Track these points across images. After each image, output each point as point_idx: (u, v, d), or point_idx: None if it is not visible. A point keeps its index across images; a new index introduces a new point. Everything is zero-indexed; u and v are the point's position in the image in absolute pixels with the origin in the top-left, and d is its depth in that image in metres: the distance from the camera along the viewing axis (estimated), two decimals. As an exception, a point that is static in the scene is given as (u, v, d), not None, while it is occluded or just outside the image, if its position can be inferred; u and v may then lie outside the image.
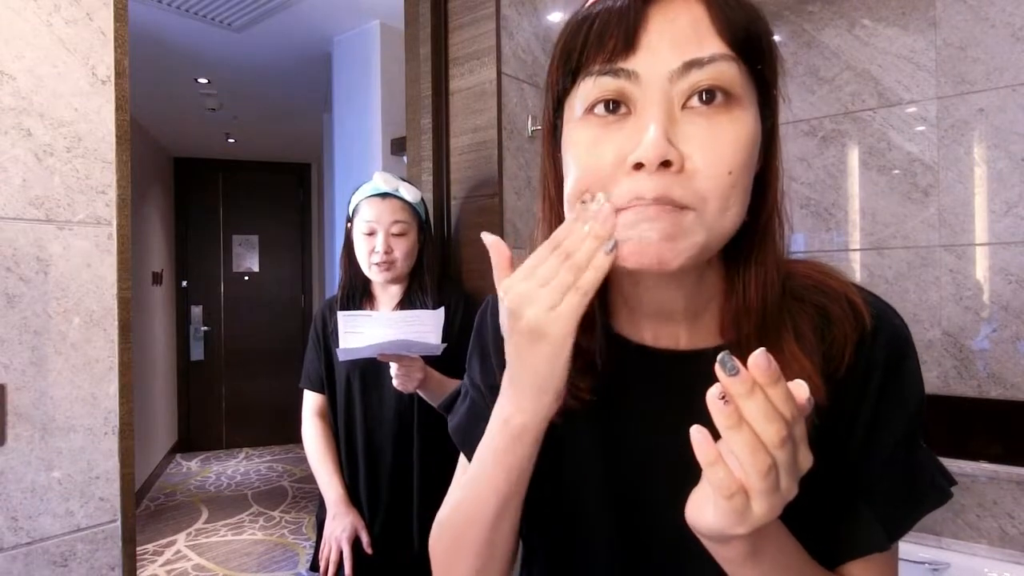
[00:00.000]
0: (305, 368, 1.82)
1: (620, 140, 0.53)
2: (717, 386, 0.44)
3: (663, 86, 0.52)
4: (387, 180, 1.71)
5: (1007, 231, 1.44)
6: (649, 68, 0.52)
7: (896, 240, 1.56)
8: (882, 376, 0.58)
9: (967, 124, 1.48)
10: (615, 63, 0.53)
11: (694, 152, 0.51)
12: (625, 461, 0.64)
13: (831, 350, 0.58)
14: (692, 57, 0.51)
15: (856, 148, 1.61)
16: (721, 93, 0.52)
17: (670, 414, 0.60)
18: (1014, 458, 1.41)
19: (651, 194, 0.50)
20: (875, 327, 0.59)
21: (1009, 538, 1.42)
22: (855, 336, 0.58)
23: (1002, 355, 1.44)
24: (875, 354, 0.58)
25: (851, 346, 0.57)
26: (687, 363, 0.62)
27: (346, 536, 1.62)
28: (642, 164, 0.51)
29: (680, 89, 0.52)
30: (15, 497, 1.03)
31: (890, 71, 1.57)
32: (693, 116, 0.52)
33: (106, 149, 1.14)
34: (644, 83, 0.53)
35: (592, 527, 0.65)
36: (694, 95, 0.52)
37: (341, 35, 3.35)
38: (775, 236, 0.59)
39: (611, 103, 0.54)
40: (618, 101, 0.54)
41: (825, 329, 0.58)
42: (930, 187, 1.53)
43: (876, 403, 0.58)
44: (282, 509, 4.47)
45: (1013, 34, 1.43)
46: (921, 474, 0.60)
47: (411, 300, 1.73)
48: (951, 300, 1.50)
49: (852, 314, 0.58)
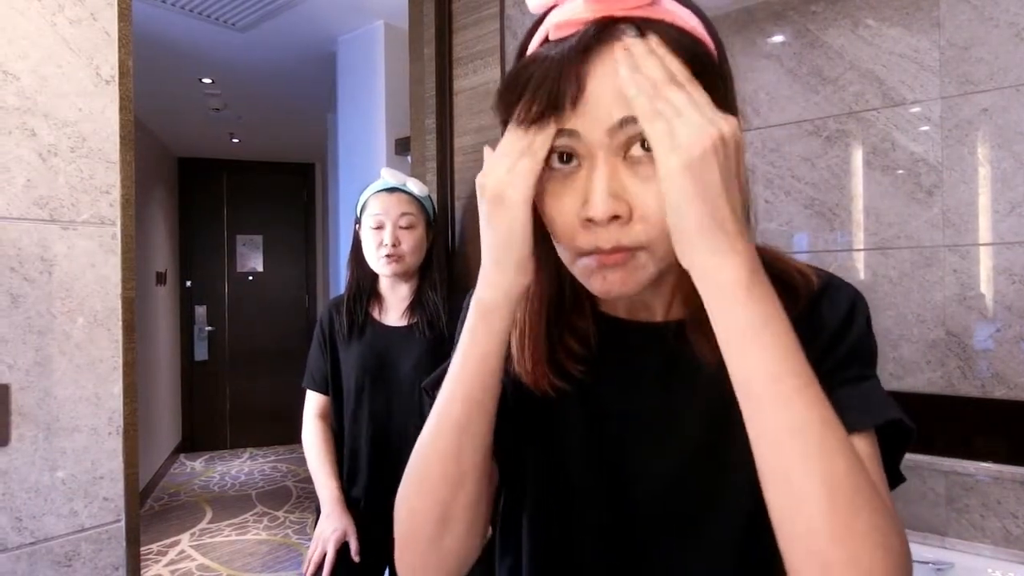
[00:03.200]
0: (309, 368, 1.81)
1: (575, 193, 0.56)
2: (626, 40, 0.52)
3: (603, 142, 0.54)
4: (394, 175, 1.72)
5: (1011, 231, 1.43)
6: (588, 126, 0.54)
7: (900, 240, 1.56)
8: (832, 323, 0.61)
9: (971, 124, 1.48)
10: (559, 124, 0.55)
11: (639, 199, 0.54)
12: (608, 428, 0.67)
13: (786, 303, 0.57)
14: (624, 115, 0.53)
15: (860, 148, 1.61)
16: None
17: (648, 383, 0.66)
18: (1018, 458, 1.41)
19: (607, 245, 0.54)
20: (824, 286, 0.63)
21: (1013, 538, 1.42)
22: (806, 299, 0.61)
23: (1006, 355, 1.44)
24: (826, 306, 0.62)
25: (801, 305, 0.60)
26: (663, 333, 0.66)
27: (335, 538, 1.62)
28: (593, 220, 0.54)
29: (619, 142, 0.54)
30: (19, 497, 1.04)
31: (894, 71, 1.56)
32: (635, 165, 0.54)
33: (110, 149, 1.14)
34: (585, 140, 0.54)
35: (578, 491, 0.67)
36: (633, 144, 0.54)
37: (345, 35, 3.35)
38: None
39: (563, 155, 0.57)
40: (569, 154, 0.56)
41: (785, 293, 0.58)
42: (934, 187, 1.52)
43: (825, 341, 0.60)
44: (286, 509, 4.48)
45: (1017, 34, 1.43)
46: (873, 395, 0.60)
47: (422, 300, 1.72)
48: (955, 300, 1.49)
49: (804, 282, 0.62)
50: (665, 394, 0.65)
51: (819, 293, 0.62)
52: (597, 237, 0.55)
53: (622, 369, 0.67)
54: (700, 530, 0.63)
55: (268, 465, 5.59)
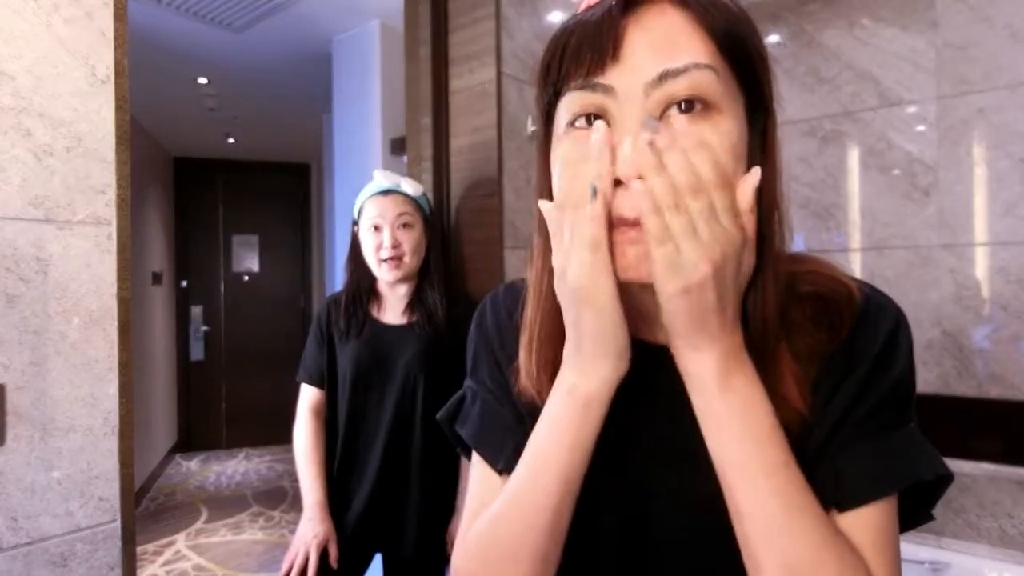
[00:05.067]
0: (304, 362, 1.81)
1: None
2: (649, 135, 0.49)
3: (639, 99, 0.53)
4: (387, 177, 1.72)
5: (1007, 231, 1.44)
6: (624, 81, 0.53)
7: (896, 240, 1.57)
8: (871, 353, 0.58)
9: (967, 124, 1.48)
10: (592, 78, 0.54)
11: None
12: (622, 460, 0.65)
13: (828, 333, 0.58)
14: (666, 68, 0.51)
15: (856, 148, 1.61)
16: (699, 102, 0.52)
17: (666, 416, 0.63)
18: (1014, 458, 1.41)
19: (631, 213, 0.52)
20: (864, 306, 0.59)
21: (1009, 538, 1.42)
22: (849, 320, 0.58)
23: (1002, 355, 1.44)
24: (867, 333, 0.58)
25: (845, 327, 0.58)
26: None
27: (316, 544, 1.61)
28: (620, 181, 0.52)
29: (656, 100, 0.52)
30: (15, 497, 1.03)
31: (890, 71, 1.57)
32: (671, 127, 0.52)
33: (106, 149, 1.14)
34: (620, 97, 0.53)
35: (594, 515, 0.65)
36: (672, 105, 0.53)
37: (341, 35, 3.35)
38: (773, 243, 0.58)
39: (591, 117, 0.55)
40: (598, 115, 0.55)
41: (823, 313, 0.59)
42: (930, 187, 1.53)
43: (863, 377, 0.57)
44: (282, 509, 4.47)
45: (1013, 34, 1.43)
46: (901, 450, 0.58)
47: (421, 299, 1.72)
48: (951, 300, 1.50)
49: (847, 299, 0.59)
50: (681, 428, 0.60)
51: (859, 315, 0.59)
52: (621, 203, 0.52)
53: (638, 397, 0.63)
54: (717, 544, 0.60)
55: (264, 465, 5.58)
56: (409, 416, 1.67)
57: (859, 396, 0.57)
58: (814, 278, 0.60)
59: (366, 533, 1.69)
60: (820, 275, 0.61)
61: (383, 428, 1.68)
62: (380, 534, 1.70)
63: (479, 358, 0.76)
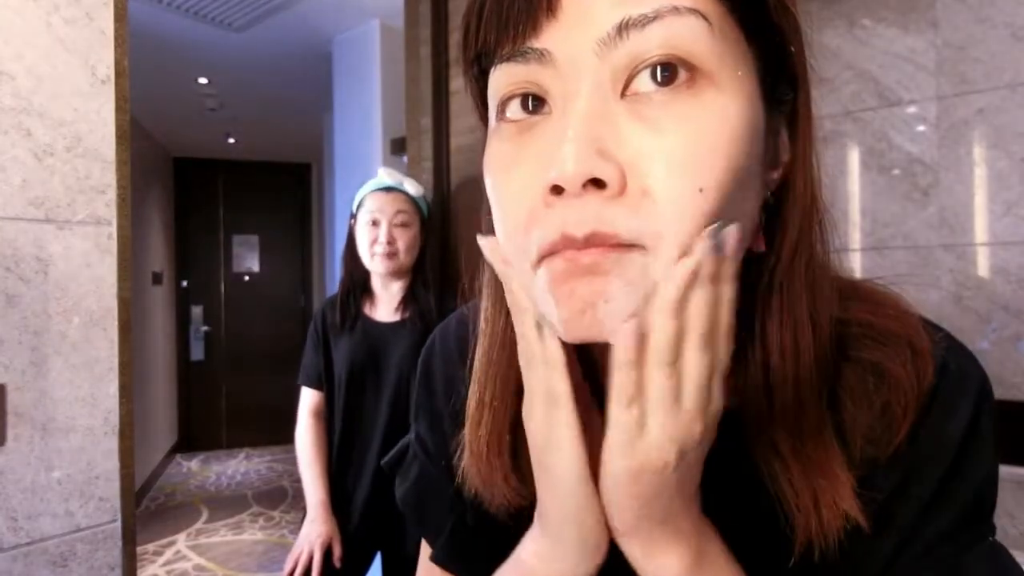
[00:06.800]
0: (304, 365, 1.83)
1: (538, 154, 0.37)
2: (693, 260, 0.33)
3: (589, 65, 0.35)
4: (391, 174, 1.74)
5: (1007, 231, 1.44)
6: (566, 42, 0.36)
7: (896, 240, 1.56)
8: (946, 450, 0.42)
9: (967, 124, 1.48)
10: (522, 42, 0.37)
11: (641, 160, 0.35)
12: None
13: (883, 421, 0.41)
14: (627, 14, 0.34)
15: (856, 148, 1.61)
16: (683, 68, 0.35)
17: None
18: (1014, 458, 1.41)
19: (579, 231, 0.34)
20: (941, 386, 0.42)
21: (1010, 538, 1.42)
22: (915, 404, 0.41)
23: (1002, 355, 1.44)
24: (941, 426, 0.42)
25: (909, 416, 0.41)
26: None
27: (320, 543, 1.63)
28: (561, 188, 0.34)
29: (615, 66, 0.35)
30: (15, 497, 1.03)
31: (890, 71, 1.57)
32: (639, 106, 0.35)
33: (106, 149, 1.14)
34: (561, 65, 0.36)
35: None
36: (639, 73, 0.35)
37: (341, 35, 3.35)
38: (809, 272, 0.41)
39: (528, 99, 0.38)
40: (538, 96, 0.38)
41: (880, 390, 0.41)
42: (930, 187, 1.53)
43: (936, 481, 0.42)
44: (282, 509, 4.47)
45: (1013, 34, 1.43)
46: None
47: (415, 296, 1.74)
48: (951, 300, 1.50)
49: (915, 372, 0.41)
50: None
51: (930, 395, 0.42)
52: (565, 217, 0.35)
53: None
54: None
55: (264, 465, 5.58)
56: (404, 413, 1.69)
57: (929, 510, 0.42)
58: (871, 333, 0.43)
59: (367, 532, 1.70)
60: (879, 328, 0.43)
61: (379, 426, 1.70)
62: (380, 533, 1.71)
63: (421, 410, 0.61)
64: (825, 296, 0.42)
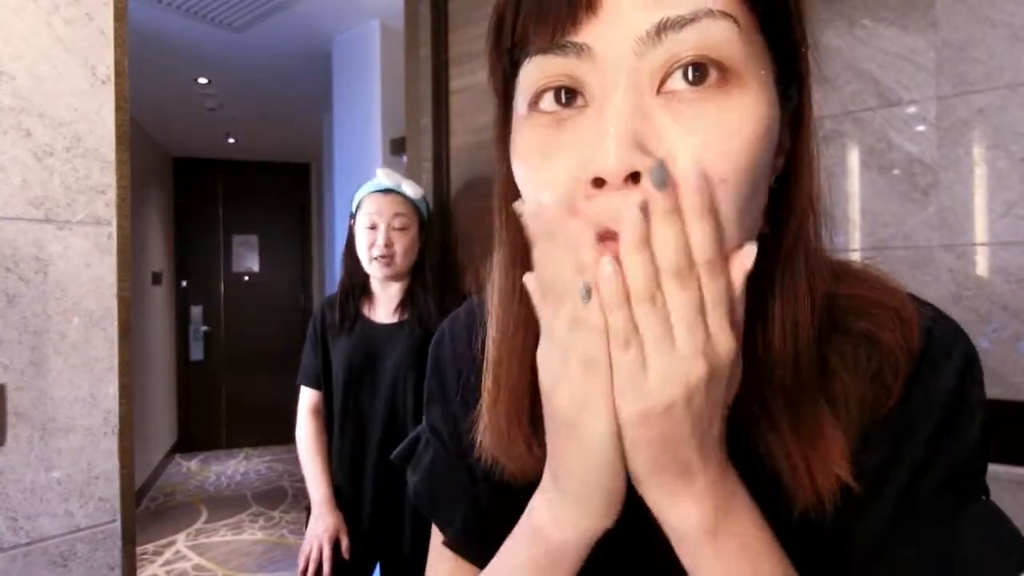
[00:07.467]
0: (303, 365, 1.84)
1: (575, 146, 0.39)
2: (642, 198, 0.35)
3: (627, 63, 0.37)
4: (390, 176, 1.73)
5: (1007, 231, 1.44)
6: (606, 39, 0.37)
7: (896, 240, 1.56)
8: (935, 412, 0.45)
9: (967, 124, 1.48)
10: (560, 36, 0.38)
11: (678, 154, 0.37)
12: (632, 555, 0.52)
13: (874, 387, 0.44)
14: (665, 16, 0.36)
15: (856, 148, 1.61)
16: (714, 68, 0.37)
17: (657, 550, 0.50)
18: (1014, 458, 1.41)
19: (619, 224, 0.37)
20: (928, 352, 0.45)
21: (1009, 538, 1.42)
22: (905, 369, 0.44)
23: (1002, 355, 1.44)
24: (928, 388, 0.45)
25: (900, 380, 0.44)
26: None
27: (327, 536, 1.65)
28: (603, 180, 0.37)
29: (652, 65, 0.37)
30: (15, 497, 1.03)
31: (890, 71, 1.57)
32: (674, 104, 0.38)
33: (106, 149, 1.14)
34: (600, 61, 0.38)
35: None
36: (674, 72, 0.38)
37: (341, 35, 3.35)
38: (808, 255, 0.45)
39: (562, 92, 0.40)
40: (571, 89, 0.40)
41: (872, 358, 0.45)
42: (930, 187, 1.53)
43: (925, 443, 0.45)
44: (282, 509, 4.47)
45: (1014, 34, 1.43)
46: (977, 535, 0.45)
47: (413, 298, 1.74)
48: (950, 300, 1.50)
49: (903, 338, 0.44)
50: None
51: (918, 362, 0.45)
52: (604, 210, 0.37)
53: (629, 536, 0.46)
54: None
55: (264, 465, 5.58)
56: (401, 414, 1.69)
57: (921, 471, 0.44)
58: (861, 305, 0.46)
59: (369, 530, 1.71)
60: (869, 301, 0.46)
61: (377, 426, 1.71)
62: (378, 532, 1.72)
63: (433, 398, 0.63)
64: (822, 276, 0.45)
